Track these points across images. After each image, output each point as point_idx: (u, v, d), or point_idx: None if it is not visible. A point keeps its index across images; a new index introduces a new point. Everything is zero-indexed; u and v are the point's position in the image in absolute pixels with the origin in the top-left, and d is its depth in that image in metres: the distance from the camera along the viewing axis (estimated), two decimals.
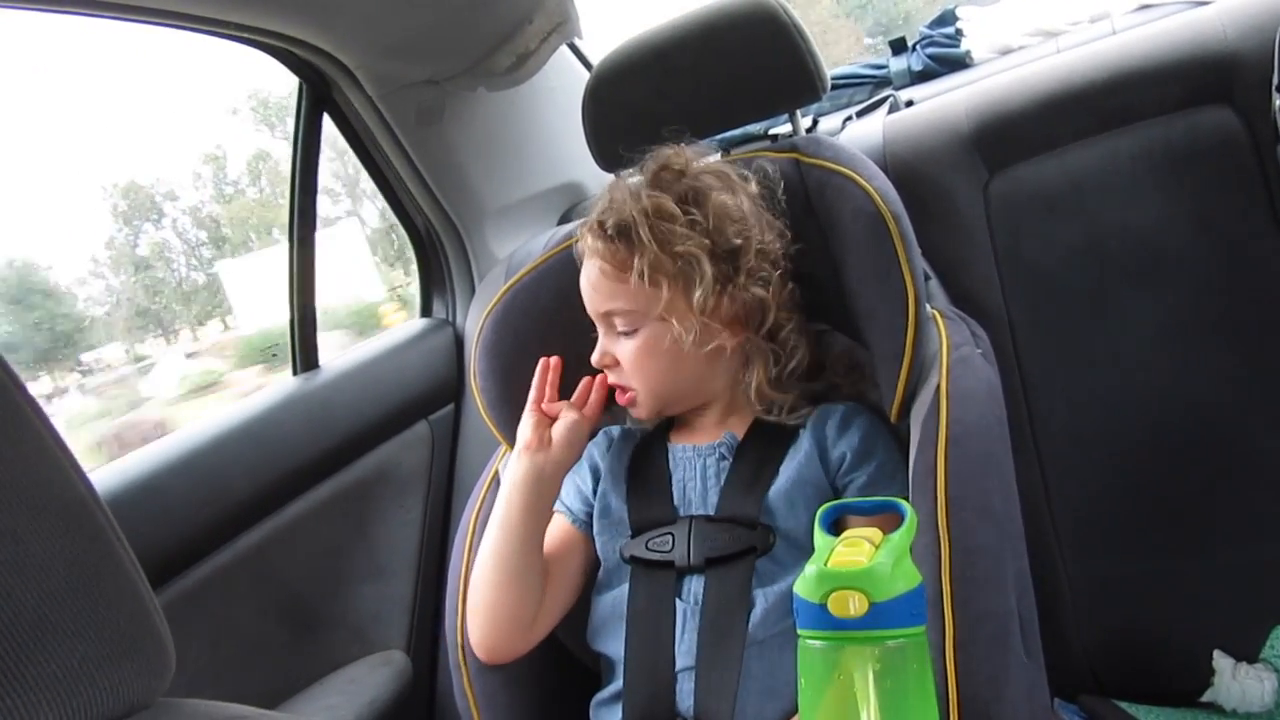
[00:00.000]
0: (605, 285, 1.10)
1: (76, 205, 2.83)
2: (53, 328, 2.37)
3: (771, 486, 1.06)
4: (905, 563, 0.76)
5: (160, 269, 3.33)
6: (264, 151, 1.65)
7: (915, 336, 1.03)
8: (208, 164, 3.02)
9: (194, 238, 3.46)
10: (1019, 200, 1.35)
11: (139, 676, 0.47)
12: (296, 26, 1.48)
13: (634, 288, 1.07)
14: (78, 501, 0.48)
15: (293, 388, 1.56)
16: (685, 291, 1.05)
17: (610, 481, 1.16)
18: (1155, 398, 1.34)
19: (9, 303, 2.26)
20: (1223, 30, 1.26)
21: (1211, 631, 1.36)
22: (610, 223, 1.08)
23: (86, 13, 1.24)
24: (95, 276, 2.93)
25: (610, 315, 1.11)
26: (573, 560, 1.15)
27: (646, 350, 1.09)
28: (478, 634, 1.10)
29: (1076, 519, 1.39)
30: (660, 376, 1.10)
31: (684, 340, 1.06)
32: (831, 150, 1.16)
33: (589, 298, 1.13)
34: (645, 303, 1.07)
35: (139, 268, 3.33)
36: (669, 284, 1.05)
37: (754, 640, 0.99)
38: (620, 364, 1.11)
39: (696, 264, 1.05)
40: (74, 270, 2.77)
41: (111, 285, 3.03)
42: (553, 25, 1.64)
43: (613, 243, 1.07)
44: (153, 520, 1.26)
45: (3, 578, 0.42)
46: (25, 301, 2.26)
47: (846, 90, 1.92)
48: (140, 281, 3.22)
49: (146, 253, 3.39)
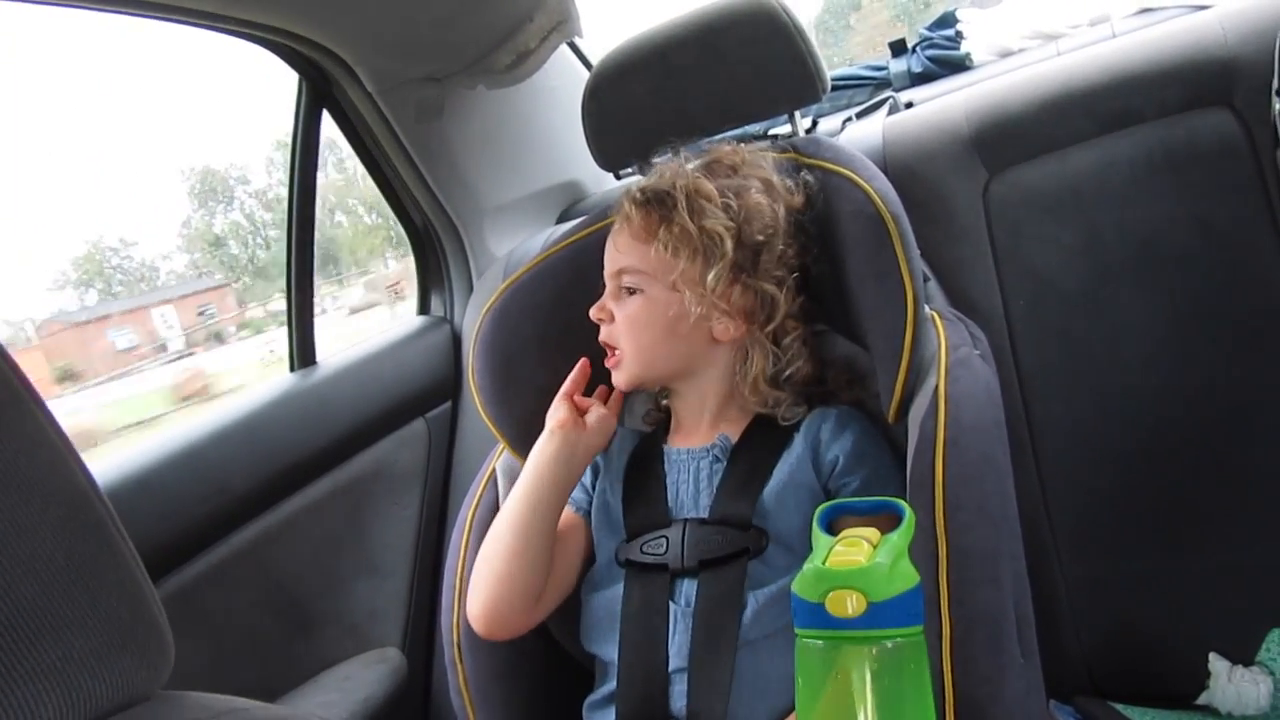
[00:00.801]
0: (626, 244, 1.12)
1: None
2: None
3: (764, 490, 1.06)
4: (903, 563, 0.76)
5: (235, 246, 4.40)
6: (330, 139, 1.69)
7: (914, 337, 1.03)
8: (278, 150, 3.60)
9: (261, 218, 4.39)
10: (1018, 202, 1.36)
11: (139, 668, 0.47)
12: (297, 22, 1.48)
13: (654, 253, 1.09)
14: (78, 493, 0.47)
15: (290, 384, 1.56)
16: (703, 266, 1.07)
17: (608, 480, 1.17)
18: (1153, 400, 1.34)
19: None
20: (1223, 34, 1.27)
21: (1208, 634, 1.37)
22: (649, 187, 1.12)
23: (92, 7, 1.25)
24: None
25: (622, 273, 1.13)
26: (575, 543, 1.16)
27: (646, 313, 1.11)
28: (483, 605, 1.09)
29: (1074, 520, 1.39)
30: (652, 343, 1.12)
31: (690, 313, 1.08)
32: (831, 151, 1.16)
33: (609, 256, 1.15)
34: (660, 269, 1.09)
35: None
36: (689, 255, 1.07)
37: (745, 641, 0.99)
38: (615, 321, 1.13)
39: (719, 242, 1.07)
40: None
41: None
42: (553, 24, 1.64)
43: (646, 207, 1.10)
44: (149, 515, 1.26)
45: (3, 569, 0.42)
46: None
47: (846, 91, 1.92)
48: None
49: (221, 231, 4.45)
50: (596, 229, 1.26)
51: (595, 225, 1.27)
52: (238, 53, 1.50)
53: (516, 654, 1.16)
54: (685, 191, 1.09)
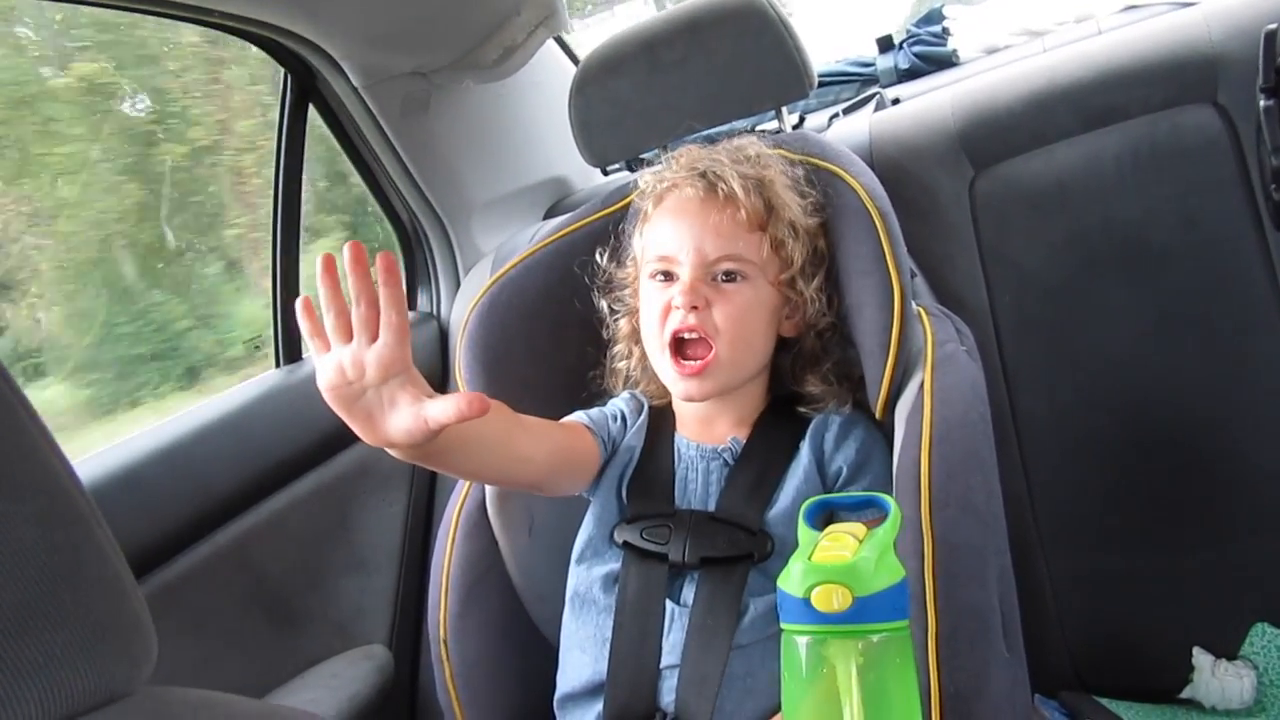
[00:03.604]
0: (732, 231, 1.04)
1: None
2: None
3: (774, 505, 1.04)
4: (889, 557, 0.76)
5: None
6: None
7: (900, 333, 1.03)
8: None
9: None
10: (1004, 198, 1.36)
11: (121, 664, 0.47)
12: (283, 16, 1.47)
13: (761, 244, 1.05)
14: (59, 488, 0.47)
15: (275, 380, 1.55)
16: (805, 266, 1.07)
17: (625, 448, 1.13)
18: (1137, 395, 1.35)
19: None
20: (1207, 31, 1.27)
21: (1192, 628, 1.38)
22: (751, 174, 1.06)
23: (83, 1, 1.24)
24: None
25: (722, 260, 1.05)
26: (581, 442, 1.11)
27: (753, 304, 1.06)
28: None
29: (1059, 516, 1.39)
30: (748, 336, 1.06)
31: (783, 315, 1.09)
32: (818, 146, 1.16)
33: (700, 238, 1.04)
34: (765, 261, 1.06)
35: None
36: (801, 250, 1.07)
37: (737, 644, 0.99)
38: (712, 307, 1.04)
39: (816, 239, 1.08)
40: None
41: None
42: (540, 18, 1.64)
43: (753, 195, 1.05)
44: (134, 512, 1.25)
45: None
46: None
47: (833, 88, 1.93)
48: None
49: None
50: (585, 223, 1.26)
51: (584, 219, 1.26)
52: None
53: (503, 650, 1.15)
54: (780, 181, 1.07)
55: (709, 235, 1.04)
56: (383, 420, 0.81)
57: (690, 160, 1.10)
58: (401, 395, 0.80)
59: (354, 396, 0.81)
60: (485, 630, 1.16)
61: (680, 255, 1.05)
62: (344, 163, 1.78)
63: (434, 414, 0.78)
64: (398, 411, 0.80)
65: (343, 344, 0.80)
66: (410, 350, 0.81)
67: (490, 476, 1.03)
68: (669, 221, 1.08)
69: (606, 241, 1.20)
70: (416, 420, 0.79)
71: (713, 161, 1.08)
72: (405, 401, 0.80)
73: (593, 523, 1.11)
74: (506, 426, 0.99)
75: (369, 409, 0.81)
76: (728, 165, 1.07)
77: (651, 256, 1.09)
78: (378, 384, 0.80)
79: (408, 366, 0.81)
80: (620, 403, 1.17)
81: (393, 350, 0.80)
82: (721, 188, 1.05)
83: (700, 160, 1.10)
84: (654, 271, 1.09)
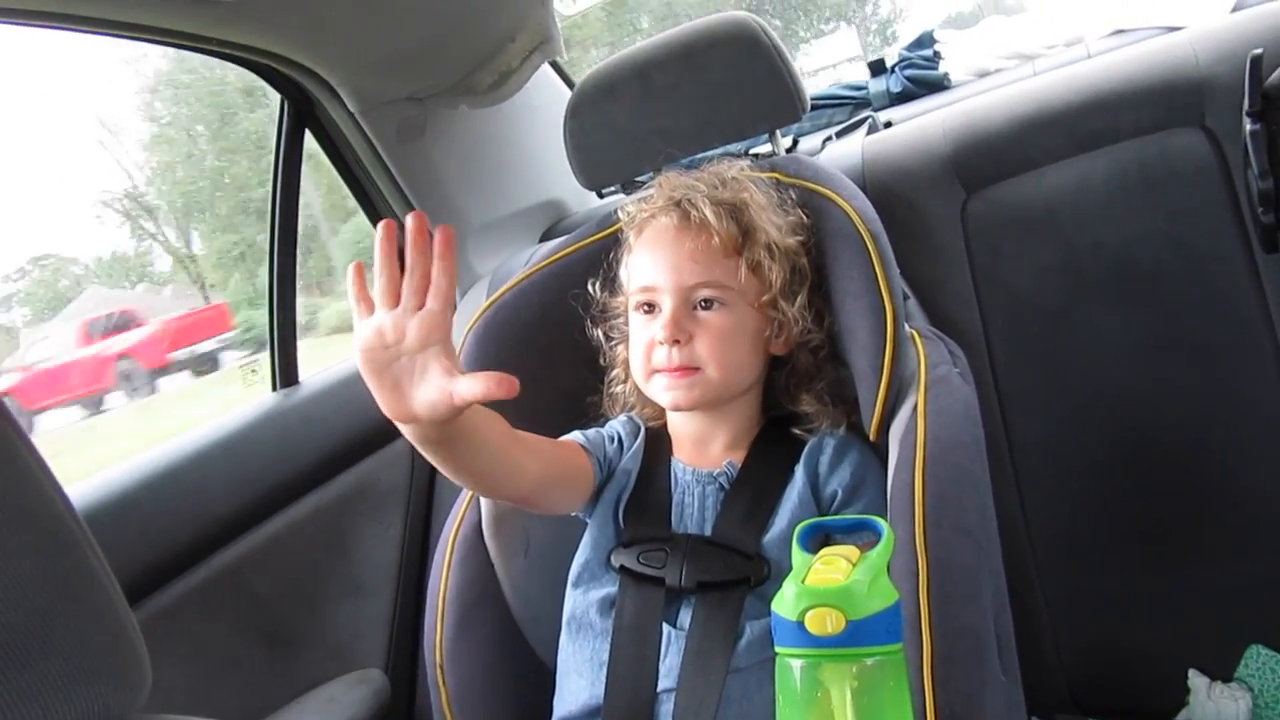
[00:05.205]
0: (707, 258, 1.06)
1: None
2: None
3: (770, 529, 1.05)
4: (882, 580, 0.76)
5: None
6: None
7: (894, 355, 1.03)
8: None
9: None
10: (996, 220, 1.37)
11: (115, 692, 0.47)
12: (280, 43, 1.48)
13: (738, 269, 1.06)
14: (53, 517, 0.47)
15: (272, 404, 1.56)
16: (785, 287, 1.08)
17: (622, 470, 1.13)
18: (1129, 416, 1.35)
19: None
20: (1194, 55, 1.29)
21: (1187, 650, 1.37)
22: (725, 198, 1.08)
23: (76, 29, 1.25)
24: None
25: (699, 288, 1.07)
26: (575, 459, 1.11)
27: (735, 330, 1.07)
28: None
29: (1053, 537, 1.39)
30: (738, 360, 1.08)
31: (771, 335, 1.09)
32: (811, 170, 1.17)
33: (677, 268, 1.07)
34: (743, 285, 1.07)
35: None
36: (779, 273, 1.07)
37: (734, 668, 0.99)
38: (694, 339, 1.06)
39: (798, 258, 1.09)
40: None
41: None
42: (535, 44, 1.65)
43: (726, 221, 1.06)
44: (129, 537, 1.25)
45: None
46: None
47: (826, 111, 1.94)
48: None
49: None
50: (580, 247, 1.26)
51: (579, 243, 1.27)
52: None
53: (500, 674, 1.15)
54: (758, 204, 1.08)
55: (685, 263, 1.07)
56: (410, 390, 0.81)
57: (669, 188, 1.12)
58: (435, 364, 0.80)
59: (387, 361, 0.81)
60: (481, 653, 1.16)
61: (660, 284, 1.08)
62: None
63: (462, 389, 0.79)
64: (426, 383, 0.81)
65: (388, 309, 0.81)
66: (452, 324, 0.81)
67: (486, 482, 1.03)
68: (648, 253, 1.10)
69: (600, 267, 1.21)
70: (442, 394, 0.80)
71: (688, 189, 1.10)
72: (437, 371, 0.80)
73: (589, 546, 1.11)
74: (506, 434, 1.00)
75: (398, 377, 0.81)
76: (703, 191, 1.09)
77: (635, 287, 1.12)
78: (415, 350, 0.80)
79: (447, 337, 0.81)
80: (617, 425, 1.18)
81: (436, 317, 0.80)
82: (694, 215, 1.07)
83: (677, 189, 1.11)
84: (638, 304, 1.11)
